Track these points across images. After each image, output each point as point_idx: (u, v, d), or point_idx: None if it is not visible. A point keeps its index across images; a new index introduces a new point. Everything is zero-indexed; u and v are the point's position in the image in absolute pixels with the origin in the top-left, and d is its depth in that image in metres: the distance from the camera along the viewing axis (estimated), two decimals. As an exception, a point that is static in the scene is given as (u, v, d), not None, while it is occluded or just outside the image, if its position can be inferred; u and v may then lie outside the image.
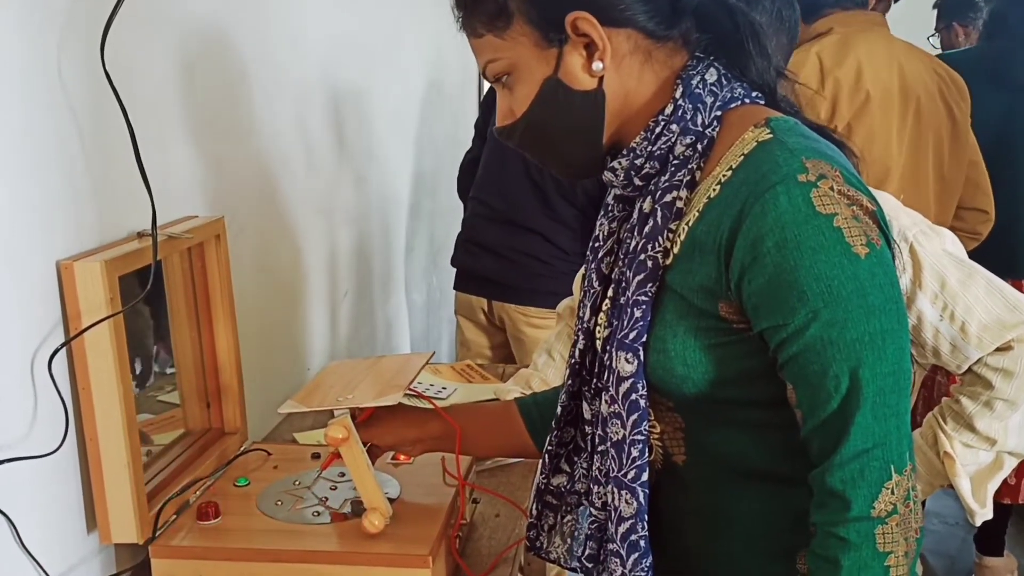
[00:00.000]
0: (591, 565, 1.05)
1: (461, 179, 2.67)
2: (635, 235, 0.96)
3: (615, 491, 0.97)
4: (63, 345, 1.10)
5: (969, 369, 1.30)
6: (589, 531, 1.04)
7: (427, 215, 3.21)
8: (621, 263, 0.98)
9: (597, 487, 1.02)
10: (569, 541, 1.09)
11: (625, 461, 0.96)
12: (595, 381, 1.02)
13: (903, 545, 0.86)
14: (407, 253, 2.99)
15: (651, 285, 0.93)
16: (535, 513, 1.12)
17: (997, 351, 1.27)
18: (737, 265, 0.87)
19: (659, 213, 0.93)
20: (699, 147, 0.93)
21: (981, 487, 1.36)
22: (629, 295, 0.94)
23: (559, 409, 1.08)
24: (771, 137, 0.89)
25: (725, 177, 0.90)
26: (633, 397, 0.94)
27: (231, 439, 1.47)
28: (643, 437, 0.95)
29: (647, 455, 0.96)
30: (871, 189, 0.91)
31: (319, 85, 2.11)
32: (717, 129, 0.94)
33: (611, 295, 0.98)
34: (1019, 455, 1.36)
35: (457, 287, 2.49)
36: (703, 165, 0.93)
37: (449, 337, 3.46)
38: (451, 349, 3.29)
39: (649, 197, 0.96)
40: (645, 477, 0.95)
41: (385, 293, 2.77)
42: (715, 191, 0.90)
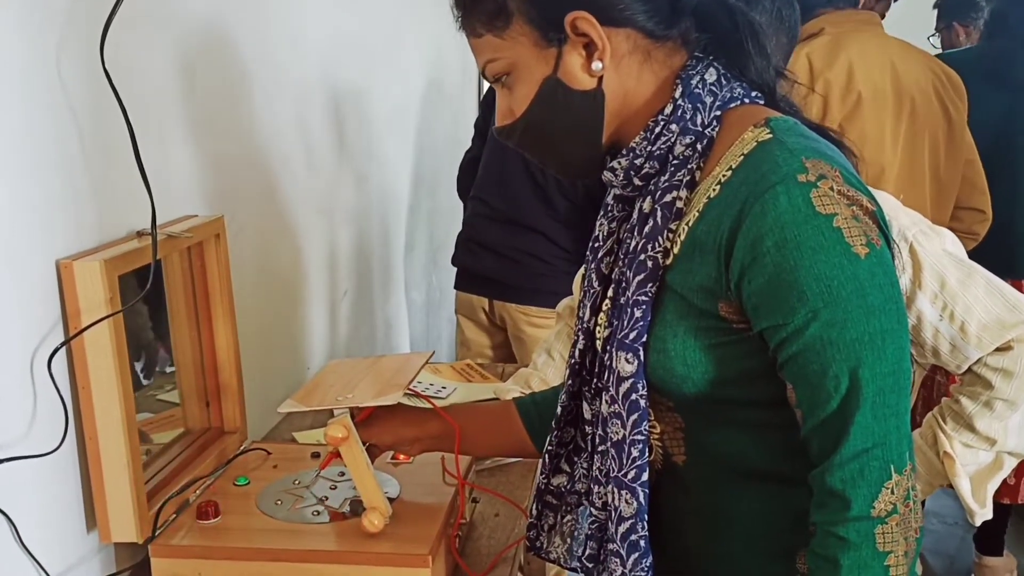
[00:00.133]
0: (591, 565, 1.05)
1: (461, 179, 2.67)
2: (635, 235, 0.96)
3: (615, 491, 0.97)
4: (63, 344, 1.10)
5: (969, 369, 1.30)
6: (589, 531, 1.04)
7: (427, 214, 3.21)
8: (621, 263, 0.98)
9: (597, 487, 1.02)
10: (569, 541, 1.09)
11: (625, 461, 0.96)
12: (595, 381, 1.02)
13: (903, 545, 0.86)
14: (407, 252, 2.99)
15: (651, 285, 0.93)
16: (535, 513, 1.12)
17: (997, 351, 1.27)
18: (737, 265, 0.87)
19: (659, 213, 0.93)
20: (699, 147, 0.93)
21: (981, 487, 1.36)
22: (629, 295, 0.94)
23: (559, 409, 1.08)
24: (771, 137, 0.89)
25: (725, 177, 0.90)
26: (633, 397, 0.94)
27: (231, 438, 1.47)
28: (643, 437, 0.95)
29: (647, 455, 0.96)
30: (871, 189, 0.91)
31: (319, 84, 2.11)
32: (717, 129, 0.94)
33: (611, 295, 0.98)
34: (1019, 455, 1.36)
35: (458, 286, 2.49)
36: (703, 165, 0.93)
37: (449, 336, 3.46)
38: (451, 348, 3.29)
39: (649, 197, 0.96)
40: (645, 477, 0.95)
41: (385, 292, 2.77)
42: (715, 191, 0.90)
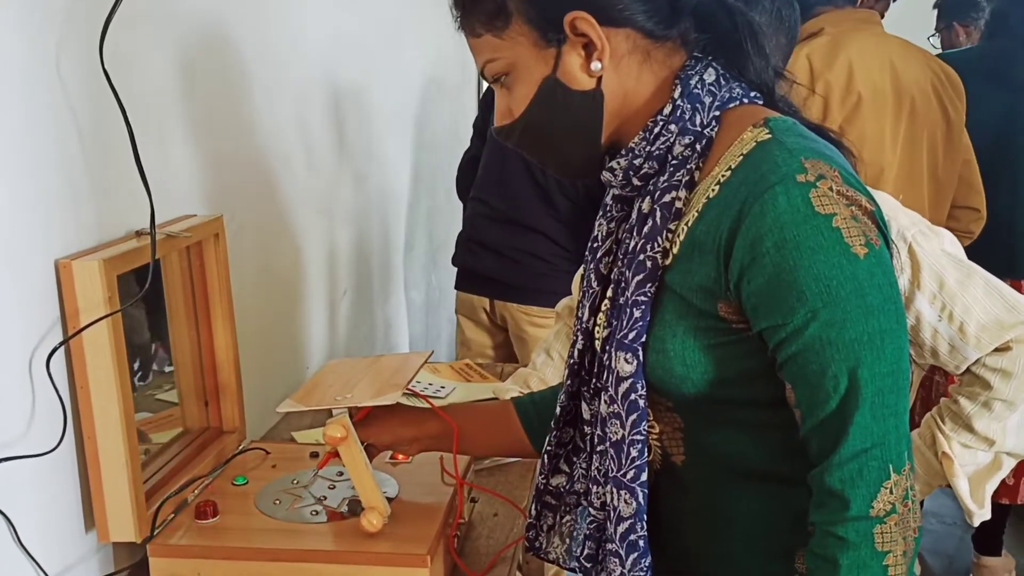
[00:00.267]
0: (590, 565, 1.05)
1: (460, 179, 2.66)
2: (634, 235, 0.96)
3: (614, 491, 0.97)
4: (61, 344, 1.10)
5: (968, 369, 1.30)
6: (588, 531, 1.04)
7: (426, 214, 3.21)
8: (620, 263, 0.98)
9: (596, 487, 1.01)
10: (568, 541, 1.09)
11: (624, 461, 0.96)
12: (594, 381, 1.02)
13: (901, 544, 0.86)
14: (406, 252, 2.98)
15: (650, 285, 0.93)
16: (534, 513, 1.12)
17: (995, 351, 1.27)
18: (736, 265, 0.87)
19: (658, 213, 0.93)
20: (698, 147, 0.93)
21: (979, 488, 1.36)
22: (628, 295, 0.94)
23: (558, 409, 1.08)
24: (770, 137, 0.89)
25: (724, 177, 0.90)
26: (632, 397, 0.94)
27: (229, 438, 1.46)
28: (642, 437, 0.95)
29: (646, 455, 0.96)
30: (869, 189, 0.91)
31: (319, 84, 2.11)
32: (716, 129, 0.94)
33: (610, 295, 0.98)
34: (1017, 455, 1.36)
35: (459, 287, 2.48)
36: (702, 165, 0.93)
37: (448, 336, 3.46)
38: (450, 348, 3.29)
39: (648, 197, 0.95)
40: (644, 477, 0.95)
41: (384, 292, 2.77)
42: (714, 191, 0.90)
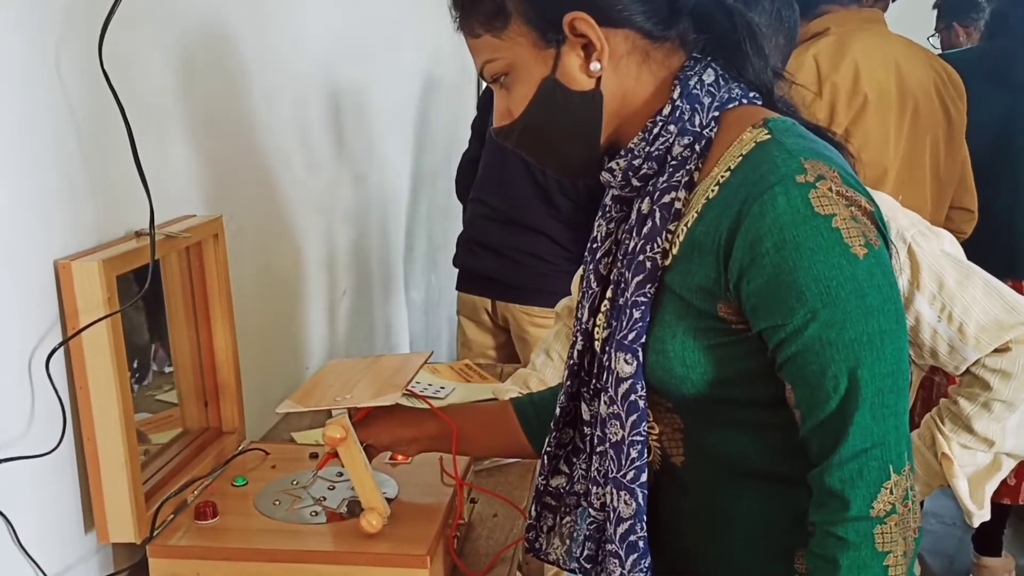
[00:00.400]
0: (590, 566, 1.05)
1: (459, 180, 2.66)
2: (633, 236, 0.96)
3: (614, 492, 0.97)
4: (61, 344, 1.10)
5: (967, 370, 1.30)
6: (588, 532, 1.04)
7: (426, 214, 3.21)
8: (620, 264, 0.98)
9: (596, 488, 1.01)
10: (568, 542, 1.09)
11: (624, 462, 0.96)
12: (594, 382, 1.02)
13: (901, 545, 0.86)
14: (406, 252, 2.98)
15: (650, 286, 0.93)
16: (534, 514, 1.12)
17: (995, 352, 1.27)
18: (736, 266, 0.87)
19: (657, 214, 0.93)
20: (697, 148, 0.93)
21: (979, 488, 1.36)
22: (628, 296, 0.94)
23: (558, 410, 1.08)
24: (769, 138, 0.89)
25: (723, 178, 0.90)
26: (632, 398, 0.94)
27: (229, 438, 1.46)
28: (642, 438, 0.95)
29: (646, 456, 0.96)
30: (869, 189, 0.91)
31: (318, 83, 2.11)
32: (715, 130, 0.94)
33: (610, 296, 0.98)
34: (1017, 456, 1.36)
35: (459, 287, 2.48)
36: (701, 166, 0.93)
37: (448, 336, 3.46)
38: (450, 348, 3.29)
39: (647, 198, 0.95)
40: (644, 478, 0.95)
41: (384, 292, 2.77)
42: (713, 192, 0.90)
